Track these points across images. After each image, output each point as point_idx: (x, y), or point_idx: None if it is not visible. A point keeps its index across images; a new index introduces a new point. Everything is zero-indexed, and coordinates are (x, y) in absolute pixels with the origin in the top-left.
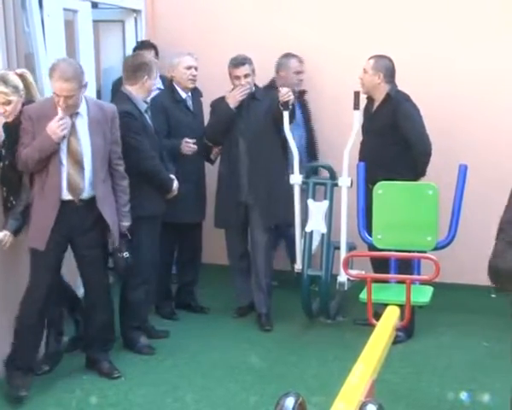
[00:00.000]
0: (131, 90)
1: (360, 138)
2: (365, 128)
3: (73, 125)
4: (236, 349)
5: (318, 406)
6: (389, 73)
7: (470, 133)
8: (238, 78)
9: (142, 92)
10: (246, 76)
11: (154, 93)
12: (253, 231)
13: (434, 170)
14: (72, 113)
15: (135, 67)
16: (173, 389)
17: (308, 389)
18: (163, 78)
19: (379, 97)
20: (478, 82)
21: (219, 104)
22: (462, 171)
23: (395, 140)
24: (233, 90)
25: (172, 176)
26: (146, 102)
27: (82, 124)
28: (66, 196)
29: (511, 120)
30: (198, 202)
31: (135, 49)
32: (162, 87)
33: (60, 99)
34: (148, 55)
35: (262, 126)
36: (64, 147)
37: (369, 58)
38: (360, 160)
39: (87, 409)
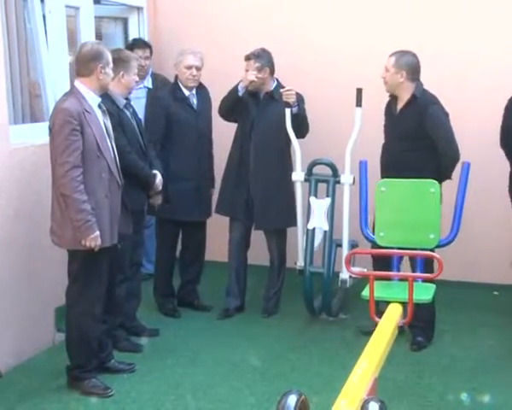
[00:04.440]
0: (110, 86)
1: (362, 136)
2: (388, 131)
3: (104, 112)
4: (238, 347)
5: (319, 404)
6: (413, 71)
7: (473, 131)
8: (246, 71)
9: (120, 88)
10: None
11: (142, 91)
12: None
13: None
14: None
15: (113, 60)
16: (175, 387)
17: (310, 387)
18: (153, 76)
19: (404, 97)
20: (483, 80)
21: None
22: (465, 168)
23: (421, 145)
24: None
25: (155, 171)
26: (127, 98)
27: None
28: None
29: None
30: (200, 201)
31: (127, 47)
32: (151, 86)
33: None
34: (140, 52)
35: (275, 127)
36: (106, 133)
37: (391, 55)
38: (382, 164)
39: (89, 406)
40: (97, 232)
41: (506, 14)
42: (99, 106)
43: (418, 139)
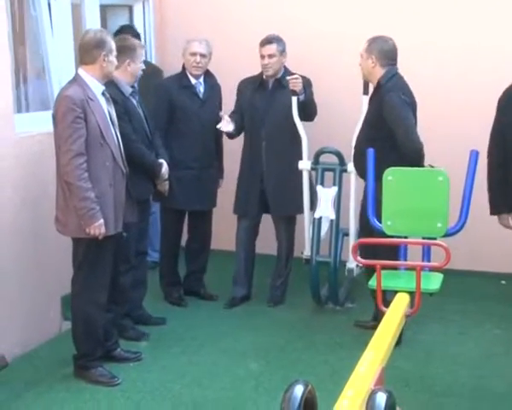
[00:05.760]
0: (115, 74)
1: None
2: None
3: (109, 100)
4: (245, 336)
5: (326, 394)
6: (383, 56)
7: (481, 118)
8: (262, 57)
9: (126, 76)
10: (270, 56)
11: None
12: (273, 217)
13: (445, 156)
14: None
15: (116, 51)
16: (181, 376)
17: (317, 376)
18: (144, 63)
19: (374, 84)
20: (490, 67)
21: (245, 86)
22: (474, 157)
23: (382, 135)
24: None
25: (161, 160)
26: (133, 86)
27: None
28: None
29: None
30: (202, 191)
31: (115, 34)
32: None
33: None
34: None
35: (285, 114)
36: (110, 121)
37: (366, 41)
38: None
39: (96, 394)
40: (101, 220)
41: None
42: (103, 94)
43: (380, 128)
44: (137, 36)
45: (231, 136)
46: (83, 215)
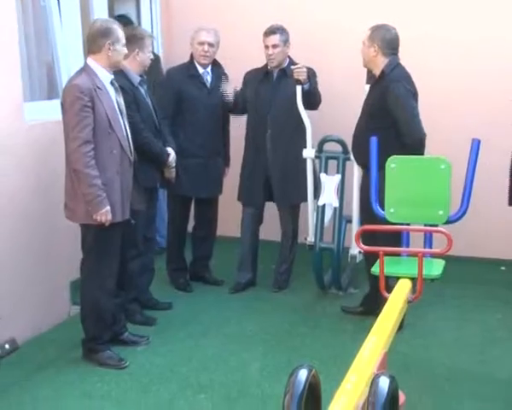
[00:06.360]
0: (125, 63)
1: None
2: (362, 106)
3: (117, 90)
4: (249, 321)
5: (330, 377)
6: (386, 45)
7: (483, 108)
8: (266, 47)
9: (135, 66)
10: (274, 46)
11: None
12: (278, 205)
13: (447, 145)
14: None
15: (125, 41)
16: (187, 360)
17: (320, 360)
18: None
19: (376, 72)
20: (492, 58)
21: (250, 78)
22: (475, 145)
23: (385, 123)
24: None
25: (169, 149)
26: (141, 75)
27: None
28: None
29: None
30: (209, 178)
31: None
32: None
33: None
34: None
35: (289, 103)
36: (118, 110)
37: (369, 29)
38: (352, 140)
39: (105, 377)
40: (108, 207)
41: None
42: (112, 83)
43: (383, 117)
44: (132, 24)
45: (231, 107)
46: (90, 202)
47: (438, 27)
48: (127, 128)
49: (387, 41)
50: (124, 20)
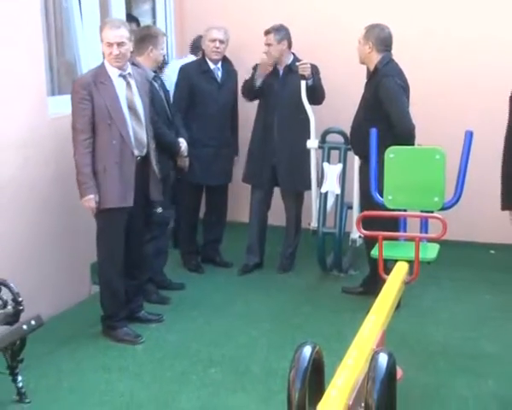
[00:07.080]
0: (139, 60)
1: None
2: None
3: (129, 85)
4: (257, 300)
5: (332, 353)
6: (380, 42)
7: (476, 101)
8: (266, 45)
9: (149, 62)
10: (268, 44)
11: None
12: (282, 192)
13: (442, 136)
14: (125, 68)
15: (140, 39)
16: (199, 336)
17: (323, 337)
18: None
19: (370, 68)
20: (487, 53)
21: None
22: (468, 137)
23: (378, 116)
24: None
25: (181, 139)
26: (155, 71)
27: (133, 84)
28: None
29: None
30: (220, 166)
31: None
32: None
33: (112, 49)
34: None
35: (296, 97)
36: (125, 104)
37: (364, 28)
38: (350, 132)
39: (122, 352)
40: (91, 196)
41: None
42: (124, 78)
43: (377, 110)
44: (136, 21)
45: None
46: (79, 187)
47: (437, 24)
48: (137, 123)
49: (381, 39)
50: (128, 19)
